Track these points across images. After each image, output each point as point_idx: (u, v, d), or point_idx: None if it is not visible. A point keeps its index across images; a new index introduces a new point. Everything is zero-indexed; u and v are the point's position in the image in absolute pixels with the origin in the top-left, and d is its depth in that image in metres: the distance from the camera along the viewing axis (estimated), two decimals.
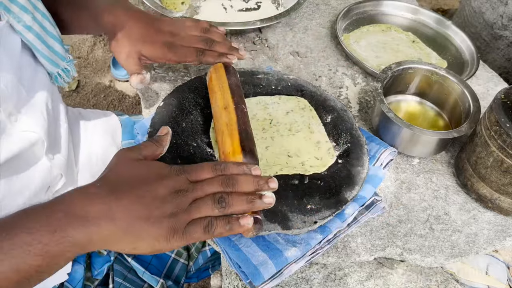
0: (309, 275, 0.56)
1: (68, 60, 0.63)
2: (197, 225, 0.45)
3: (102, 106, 1.89)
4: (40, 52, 0.57)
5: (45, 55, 0.58)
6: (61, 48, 0.61)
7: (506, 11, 1.18)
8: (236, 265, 0.52)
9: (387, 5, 0.99)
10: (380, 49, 0.88)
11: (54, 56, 0.60)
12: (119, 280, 0.69)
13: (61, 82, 0.63)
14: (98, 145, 0.76)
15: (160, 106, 0.65)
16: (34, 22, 0.54)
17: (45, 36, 0.57)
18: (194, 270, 0.80)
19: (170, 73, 0.78)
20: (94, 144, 0.75)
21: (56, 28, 0.60)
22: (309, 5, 1.00)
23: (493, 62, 1.24)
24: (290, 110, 0.69)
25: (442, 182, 0.67)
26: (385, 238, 0.59)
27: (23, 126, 0.54)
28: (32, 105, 0.56)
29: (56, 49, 0.60)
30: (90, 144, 0.75)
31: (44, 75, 0.61)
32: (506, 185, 0.59)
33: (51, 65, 0.60)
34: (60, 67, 0.61)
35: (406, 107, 0.77)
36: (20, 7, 0.52)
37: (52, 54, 0.59)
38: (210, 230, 0.45)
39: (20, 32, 0.54)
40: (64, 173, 0.63)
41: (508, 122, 0.56)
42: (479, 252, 0.60)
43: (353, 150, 0.64)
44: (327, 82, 0.81)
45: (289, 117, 0.68)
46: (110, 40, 0.66)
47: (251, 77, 0.73)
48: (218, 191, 0.47)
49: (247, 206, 0.47)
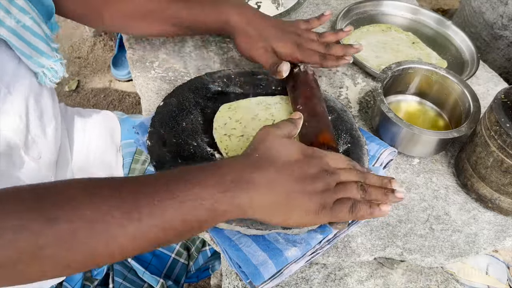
0: (309, 275, 0.56)
1: (56, 59, 0.61)
2: (344, 204, 0.48)
3: (102, 106, 1.89)
4: (19, 50, 0.55)
5: (25, 53, 0.56)
6: (46, 47, 0.59)
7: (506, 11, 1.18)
8: (236, 265, 0.52)
9: (387, 5, 0.99)
10: (380, 49, 0.88)
11: (37, 55, 0.58)
12: (119, 280, 0.69)
13: (47, 82, 0.61)
14: (96, 145, 0.76)
15: (160, 106, 0.65)
16: (7, 18, 0.52)
17: (24, 33, 0.55)
18: (194, 270, 0.80)
19: (170, 73, 0.78)
20: (92, 143, 0.75)
21: (42, 25, 0.58)
22: (309, 5, 1.00)
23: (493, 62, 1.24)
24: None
25: (442, 182, 0.67)
26: (385, 238, 0.59)
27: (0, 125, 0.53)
28: (9, 105, 0.55)
29: (40, 48, 0.58)
30: (88, 144, 0.75)
31: (28, 73, 0.59)
32: (506, 185, 0.59)
33: (34, 63, 0.58)
34: (45, 66, 0.59)
35: (406, 107, 0.77)
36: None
37: (34, 52, 0.57)
38: (354, 211, 0.48)
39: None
40: (53, 174, 0.63)
41: (508, 122, 0.56)
42: (479, 252, 0.60)
43: (353, 150, 0.64)
44: (327, 82, 0.81)
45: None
46: (238, 39, 0.70)
47: (251, 77, 0.73)
48: (357, 180, 0.51)
49: (383, 197, 0.50)
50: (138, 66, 0.79)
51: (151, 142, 0.60)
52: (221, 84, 0.71)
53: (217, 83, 0.71)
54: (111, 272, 0.69)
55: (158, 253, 0.74)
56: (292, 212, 0.47)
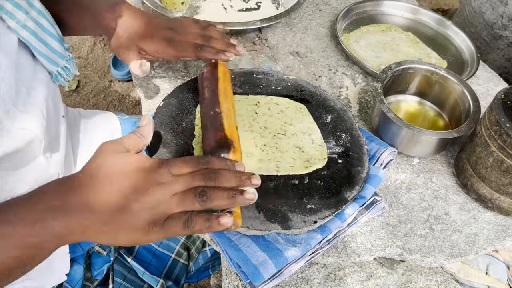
0: (309, 275, 0.56)
1: (68, 58, 0.62)
2: (177, 219, 0.44)
3: (102, 106, 1.89)
4: (37, 50, 0.57)
5: (43, 53, 0.58)
6: (60, 47, 0.61)
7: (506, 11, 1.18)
8: (236, 265, 0.52)
9: (387, 5, 0.99)
10: (380, 49, 0.88)
11: (53, 55, 0.60)
12: (119, 280, 0.69)
13: (62, 81, 0.63)
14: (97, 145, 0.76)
15: (160, 106, 0.65)
16: (28, 20, 0.54)
17: (42, 34, 0.57)
18: (194, 270, 0.80)
19: (170, 73, 0.78)
20: (93, 144, 0.75)
21: (55, 26, 0.59)
22: (309, 5, 1.00)
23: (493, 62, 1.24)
24: (285, 108, 0.69)
25: (442, 182, 0.67)
26: (385, 238, 0.59)
27: (21, 124, 0.54)
28: (31, 103, 0.56)
29: (55, 47, 0.60)
30: (90, 144, 0.75)
31: (44, 73, 0.61)
32: (506, 185, 0.59)
33: (50, 63, 0.60)
34: (60, 65, 0.61)
35: (406, 107, 0.77)
36: (14, 4, 0.52)
37: (50, 52, 0.59)
38: (189, 226, 0.44)
39: (14, 30, 0.54)
40: (61, 172, 0.63)
41: (508, 122, 0.56)
42: (479, 252, 0.60)
43: (353, 150, 0.64)
44: (327, 82, 0.81)
45: (284, 115, 0.68)
46: (110, 38, 0.68)
47: (251, 77, 0.73)
48: (199, 185, 0.46)
49: (228, 201, 0.46)
50: None
51: (151, 143, 0.60)
52: None
53: None
54: (111, 273, 0.69)
55: (158, 253, 0.74)
56: (119, 232, 0.44)
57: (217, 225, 0.45)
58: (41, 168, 0.59)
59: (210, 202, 0.45)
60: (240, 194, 0.46)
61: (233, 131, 0.58)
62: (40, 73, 0.60)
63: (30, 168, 0.58)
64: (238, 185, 0.47)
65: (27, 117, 0.55)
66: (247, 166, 0.53)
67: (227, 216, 0.45)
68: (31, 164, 0.58)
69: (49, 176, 0.61)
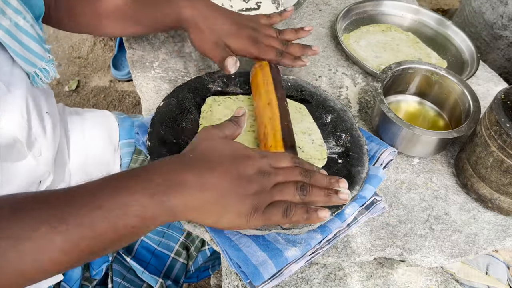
0: (309, 275, 0.56)
1: (48, 60, 0.60)
2: (277, 207, 0.47)
3: (102, 106, 1.89)
4: (12, 50, 0.55)
5: (19, 53, 0.55)
6: (39, 47, 0.58)
7: (506, 11, 1.18)
8: (236, 265, 0.52)
9: (387, 5, 0.99)
10: (380, 49, 0.88)
11: (30, 55, 0.57)
12: (118, 279, 0.69)
13: (39, 83, 0.60)
14: (94, 144, 0.76)
15: (160, 106, 0.65)
16: (3, 18, 0.52)
17: (18, 33, 0.55)
18: (194, 270, 0.80)
19: (170, 73, 0.78)
20: (90, 143, 0.75)
21: (34, 26, 0.57)
22: (309, 5, 1.00)
23: (493, 62, 1.24)
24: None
25: (442, 182, 0.67)
26: (385, 238, 0.59)
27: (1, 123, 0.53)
28: (10, 103, 0.55)
29: (32, 48, 0.57)
30: (87, 143, 0.75)
31: (22, 74, 0.58)
32: (506, 185, 0.59)
33: (27, 64, 0.57)
34: (38, 66, 0.59)
35: (406, 107, 0.77)
36: None
37: (27, 53, 0.57)
38: (288, 215, 0.47)
39: None
40: (51, 171, 0.63)
41: (508, 122, 0.56)
42: (479, 252, 0.59)
43: (353, 150, 0.64)
44: (327, 82, 0.81)
45: None
46: (192, 34, 0.68)
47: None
48: (299, 180, 0.49)
49: (325, 198, 0.49)
50: (138, 66, 0.79)
51: (151, 142, 0.60)
52: (221, 84, 0.71)
53: (217, 83, 0.71)
54: (110, 272, 0.69)
55: (157, 252, 0.74)
56: (224, 213, 0.46)
57: (315, 218, 0.48)
58: (31, 166, 0.59)
59: (309, 196, 0.48)
60: (335, 194, 0.49)
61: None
62: (18, 73, 0.57)
63: (18, 166, 0.57)
64: (327, 186, 0.50)
65: (7, 116, 0.54)
66: None
67: (325, 210, 0.48)
68: (20, 162, 0.57)
69: (40, 174, 0.61)
